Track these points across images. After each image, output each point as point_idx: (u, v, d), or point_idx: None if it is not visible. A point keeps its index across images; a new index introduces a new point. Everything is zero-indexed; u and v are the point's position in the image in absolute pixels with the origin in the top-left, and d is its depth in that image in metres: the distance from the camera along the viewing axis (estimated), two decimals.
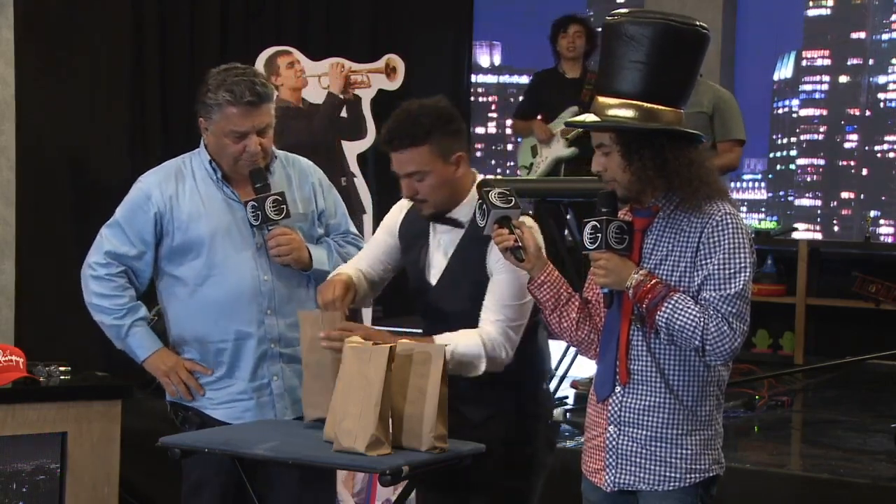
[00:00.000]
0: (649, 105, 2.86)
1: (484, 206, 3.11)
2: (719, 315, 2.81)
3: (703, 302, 2.83)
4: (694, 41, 2.90)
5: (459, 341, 3.23)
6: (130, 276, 3.68)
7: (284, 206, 3.57)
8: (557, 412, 3.59)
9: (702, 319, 2.80)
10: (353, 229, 3.87)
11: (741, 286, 2.81)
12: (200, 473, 3.58)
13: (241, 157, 3.58)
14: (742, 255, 2.83)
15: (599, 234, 2.88)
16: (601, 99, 2.92)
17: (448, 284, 3.35)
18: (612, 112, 2.88)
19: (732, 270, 2.82)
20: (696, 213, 2.86)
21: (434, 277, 3.39)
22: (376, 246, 3.53)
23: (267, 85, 3.59)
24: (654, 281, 2.85)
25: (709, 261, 2.84)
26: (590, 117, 2.93)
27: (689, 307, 2.81)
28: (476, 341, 3.24)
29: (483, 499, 3.37)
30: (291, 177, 3.75)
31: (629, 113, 2.86)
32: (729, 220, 2.84)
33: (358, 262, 3.54)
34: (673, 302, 2.82)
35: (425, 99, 3.35)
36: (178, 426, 3.72)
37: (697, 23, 2.89)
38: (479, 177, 3.40)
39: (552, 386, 4.46)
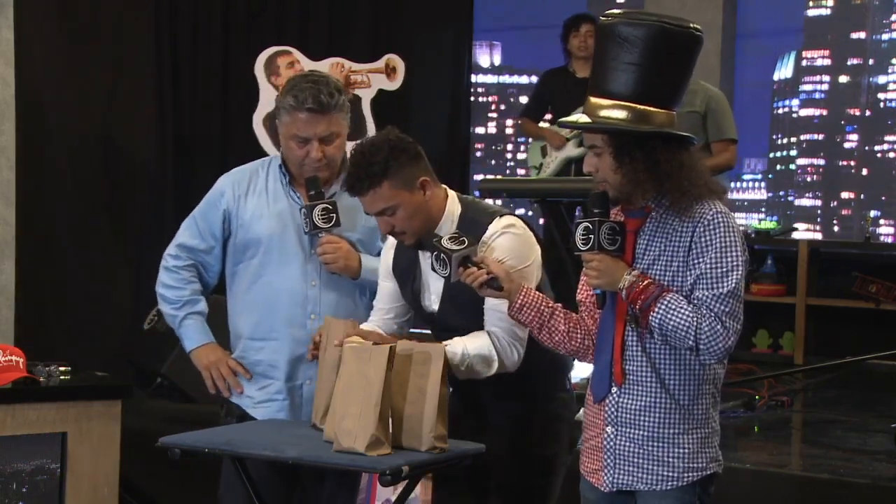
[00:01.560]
0: (642, 107, 2.85)
1: (441, 255, 3.13)
2: (712, 314, 2.81)
3: (695, 301, 2.83)
4: (687, 43, 2.88)
5: (469, 343, 3.25)
6: (200, 269, 3.81)
7: (334, 215, 3.62)
8: (580, 413, 3.58)
9: (695, 319, 2.80)
10: None
11: (733, 285, 2.81)
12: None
13: (304, 162, 3.65)
14: (734, 254, 2.83)
15: (592, 236, 2.87)
16: (593, 99, 2.91)
17: (451, 305, 3.36)
18: (604, 113, 2.88)
19: (724, 269, 2.82)
20: (688, 213, 2.86)
21: (435, 303, 3.40)
22: (385, 294, 3.56)
23: (335, 95, 3.61)
24: (646, 282, 2.84)
25: (701, 260, 2.83)
26: (582, 118, 2.93)
27: (681, 307, 2.81)
28: (486, 342, 3.25)
29: (503, 499, 3.39)
30: None
31: (621, 114, 2.86)
32: (720, 220, 2.84)
33: (374, 318, 3.57)
34: (666, 302, 2.82)
35: (375, 135, 3.38)
36: (222, 418, 3.80)
37: (691, 24, 2.88)
38: (451, 192, 3.42)
39: None
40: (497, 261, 3.14)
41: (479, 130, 10.98)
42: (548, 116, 7.24)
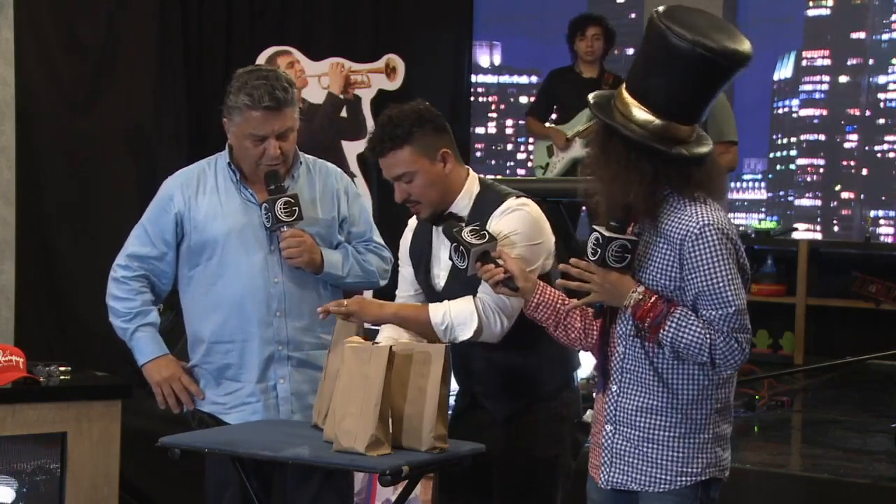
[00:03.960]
0: (671, 123, 2.77)
1: (460, 247, 3.13)
2: (725, 331, 2.77)
3: (704, 320, 2.79)
4: (724, 65, 2.74)
5: (453, 305, 3.26)
6: (151, 279, 3.71)
7: (296, 209, 3.56)
8: (587, 414, 3.56)
9: (708, 336, 2.77)
10: (378, 238, 3.85)
11: (738, 300, 2.77)
12: (223, 473, 3.56)
13: (261, 161, 3.58)
14: (725, 269, 2.76)
15: (599, 250, 2.82)
16: (624, 95, 2.83)
17: (456, 282, 3.33)
18: (633, 112, 2.79)
19: (722, 285, 2.76)
20: (675, 217, 2.80)
21: (442, 279, 3.40)
22: (403, 280, 3.55)
23: (289, 89, 3.56)
24: (653, 299, 2.80)
25: (695, 276, 2.78)
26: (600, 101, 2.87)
27: (692, 324, 2.78)
28: (470, 306, 3.25)
29: (504, 500, 3.38)
30: (315, 182, 3.75)
31: (645, 118, 2.78)
32: (708, 233, 2.77)
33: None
34: (676, 320, 2.79)
35: (404, 103, 3.37)
36: (195, 429, 3.70)
37: (731, 46, 2.72)
38: (473, 173, 3.41)
39: None
40: (513, 256, 3.11)
41: (479, 130, 10.96)
42: (554, 116, 7.22)
